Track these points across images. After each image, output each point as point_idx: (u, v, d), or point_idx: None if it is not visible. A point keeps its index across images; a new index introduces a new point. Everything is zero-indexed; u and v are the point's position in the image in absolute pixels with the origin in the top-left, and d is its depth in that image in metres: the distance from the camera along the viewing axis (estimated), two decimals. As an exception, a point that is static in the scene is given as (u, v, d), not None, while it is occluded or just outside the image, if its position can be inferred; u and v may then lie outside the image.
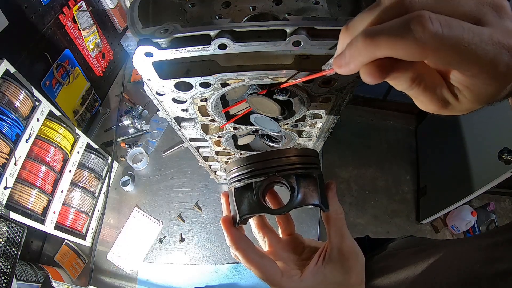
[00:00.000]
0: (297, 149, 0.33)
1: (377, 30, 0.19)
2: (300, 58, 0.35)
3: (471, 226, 1.75)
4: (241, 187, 0.32)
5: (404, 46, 0.18)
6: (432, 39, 0.17)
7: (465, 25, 0.18)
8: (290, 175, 0.31)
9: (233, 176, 0.32)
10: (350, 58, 0.20)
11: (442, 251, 0.40)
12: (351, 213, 1.87)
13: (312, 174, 0.33)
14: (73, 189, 0.86)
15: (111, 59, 1.20)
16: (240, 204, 0.32)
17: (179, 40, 0.29)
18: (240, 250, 0.32)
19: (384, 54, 0.19)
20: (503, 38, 0.18)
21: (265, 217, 0.38)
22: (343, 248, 0.32)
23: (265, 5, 0.38)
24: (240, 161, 0.32)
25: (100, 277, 0.88)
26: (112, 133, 1.11)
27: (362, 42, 0.19)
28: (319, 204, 0.32)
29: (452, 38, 0.17)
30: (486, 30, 0.18)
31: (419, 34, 0.17)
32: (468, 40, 0.17)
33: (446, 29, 0.17)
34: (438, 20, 0.17)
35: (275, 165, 0.31)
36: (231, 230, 0.33)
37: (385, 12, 0.19)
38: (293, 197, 0.31)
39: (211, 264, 0.87)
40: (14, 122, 0.68)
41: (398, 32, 0.18)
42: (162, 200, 0.98)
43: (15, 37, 0.78)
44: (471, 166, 1.43)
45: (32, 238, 0.89)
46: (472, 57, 0.17)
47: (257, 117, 0.49)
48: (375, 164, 2.01)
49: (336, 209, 0.33)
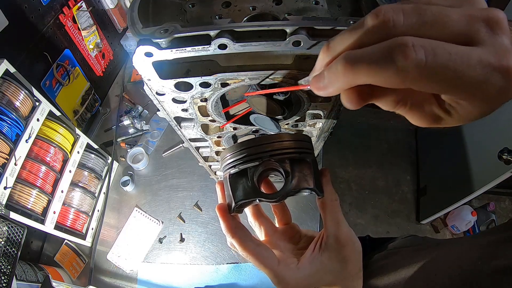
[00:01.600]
0: (290, 134, 0.33)
1: (357, 56, 0.18)
2: (300, 58, 0.35)
3: (471, 226, 1.75)
4: (235, 173, 0.32)
5: (386, 75, 0.17)
6: (415, 69, 0.16)
7: (453, 49, 0.16)
8: (284, 160, 0.31)
9: (228, 163, 0.32)
10: (329, 83, 0.20)
11: (442, 250, 0.40)
12: (351, 213, 1.87)
13: (306, 159, 0.33)
14: (73, 189, 0.86)
15: (111, 59, 1.20)
16: (235, 190, 0.32)
17: (179, 40, 0.29)
18: (236, 237, 0.32)
19: (364, 82, 0.18)
20: (495, 59, 0.16)
21: (260, 206, 0.38)
22: (340, 235, 0.32)
23: (265, 5, 0.38)
24: (234, 147, 0.32)
25: (100, 277, 0.88)
26: (112, 133, 1.11)
27: (342, 68, 0.18)
28: (313, 188, 0.32)
29: (436, 66, 0.16)
30: (476, 51, 0.17)
31: (401, 64, 0.16)
32: (454, 67, 0.16)
33: (430, 57, 0.16)
34: (422, 48, 0.16)
35: (269, 149, 0.31)
36: (226, 217, 0.32)
37: (367, 34, 0.18)
38: (288, 182, 0.31)
39: (211, 264, 0.87)
40: (14, 122, 0.68)
41: (379, 61, 0.17)
42: (162, 200, 0.98)
43: (15, 37, 0.78)
44: (471, 166, 1.43)
45: (32, 238, 0.88)
46: (459, 83, 0.17)
47: (257, 117, 0.49)
48: (375, 164, 2.01)
49: (331, 195, 0.33)
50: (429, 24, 0.17)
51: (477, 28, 0.17)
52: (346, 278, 0.32)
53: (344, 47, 0.19)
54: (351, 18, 0.28)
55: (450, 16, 0.17)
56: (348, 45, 0.19)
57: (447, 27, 0.17)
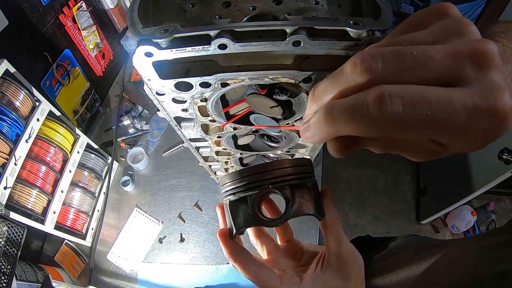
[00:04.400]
0: (290, 159, 0.33)
1: (336, 108, 0.18)
2: (300, 58, 0.35)
3: (471, 226, 1.75)
4: (235, 200, 0.32)
5: (362, 127, 0.17)
6: (391, 121, 0.15)
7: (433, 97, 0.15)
8: (284, 187, 0.31)
9: (227, 190, 0.32)
10: (313, 133, 0.20)
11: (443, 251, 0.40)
12: (351, 213, 1.87)
13: (306, 184, 0.33)
14: (73, 189, 0.86)
15: (111, 59, 1.20)
16: (235, 217, 0.32)
17: (179, 40, 0.29)
18: (238, 261, 0.32)
19: (345, 133, 0.18)
20: (481, 100, 0.15)
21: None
22: (341, 253, 0.32)
23: (265, 5, 0.38)
24: (234, 174, 0.32)
25: (100, 277, 0.88)
26: (112, 133, 1.11)
27: (323, 120, 0.18)
28: (314, 213, 0.32)
29: (414, 117, 0.15)
30: (459, 94, 0.15)
31: (376, 116, 0.16)
32: (434, 115, 0.15)
33: (407, 110, 0.15)
34: (399, 98, 0.15)
35: (268, 177, 0.31)
36: (228, 242, 0.33)
37: (346, 83, 0.18)
38: (288, 208, 0.31)
39: (211, 264, 0.87)
40: (14, 122, 0.68)
41: (355, 113, 0.17)
42: (162, 200, 0.98)
43: (15, 37, 0.78)
44: (471, 166, 1.43)
45: (32, 238, 0.89)
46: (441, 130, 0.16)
47: (257, 117, 0.49)
48: (375, 164, 2.01)
49: (332, 216, 0.33)
50: (409, 68, 0.16)
51: (462, 66, 0.16)
52: None
53: (327, 95, 0.20)
54: (351, 18, 0.28)
55: (432, 57, 0.16)
56: (330, 94, 0.19)
57: (429, 69, 0.16)
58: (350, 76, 0.18)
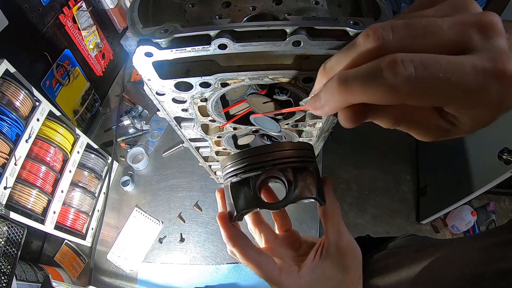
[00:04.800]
0: (292, 142, 0.33)
1: (349, 76, 0.18)
2: (300, 58, 0.35)
3: (471, 226, 1.75)
4: (237, 182, 0.32)
5: (377, 93, 0.17)
6: (405, 84, 0.16)
7: (444, 60, 0.16)
8: (286, 169, 0.31)
9: (229, 171, 0.32)
10: (325, 102, 0.20)
11: (443, 251, 0.40)
12: (351, 213, 1.87)
13: (308, 168, 0.32)
14: (73, 189, 0.86)
15: (111, 59, 1.20)
16: (236, 199, 0.32)
17: (179, 40, 0.29)
18: (237, 246, 0.32)
19: (359, 100, 0.18)
20: (490, 63, 0.16)
21: (260, 213, 0.38)
22: (341, 243, 0.32)
23: (265, 5, 0.38)
24: (236, 155, 0.32)
25: (100, 277, 0.88)
26: (112, 133, 1.11)
27: (336, 88, 0.19)
28: (316, 197, 0.31)
29: (427, 79, 0.16)
30: (468, 59, 0.16)
31: (391, 80, 0.16)
32: (446, 77, 0.16)
33: (419, 71, 0.16)
34: (411, 62, 0.16)
35: (271, 158, 0.30)
36: (228, 226, 0.32)
37: (359, 54, 0.18)
38: (290, 191, 0.31)
39: (211, 264, 0.87)
40: (14, 122, 0.68)
41: (369, 79, 0.17)
42: (162, 200, 0.98)
43: (15, 37, 0.78)
44: (471, 166, 1.43)
45: (32, 238, 0.89)
46: (455, 93, 0.16)
47: (257, 117, 0.49)
48: (375, 164, 2.01)
49: (333, 204, 0.33)
50: (419, 38, 0.17)
51: (469, 35, 0.17)
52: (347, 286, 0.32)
53: (339, 68, 0.20)
54: (351, 18, 0.28)
55: (441, 26, 0.17)
56: (342, 65, 0.20)
57: (439, 38, 0.17)
58: (363, 46, 0.18)
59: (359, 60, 0.18)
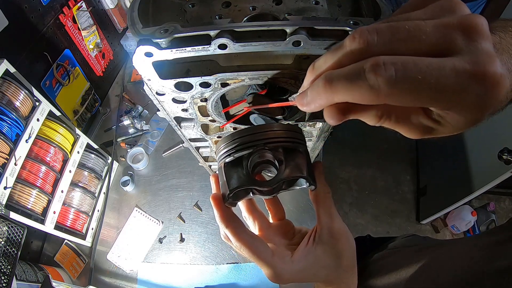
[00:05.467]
0: (282, 124, 0.33)
1: (334, 76, 0.19)
2: (300, 58, 0.35)
3: (471, 226, 1.75)
4: (230, 162, 0.32)
5: (360, 93, 0.18)
6: (386, 86, 0.17)
7: (424, 62, 0.17)
8: (277, 148, 0.32)
9: (223, 152, 0.33)
10: (311, 99, 0.21)
11: (443, 250, 0.40)
12: (351, 213, 1.87)
13: (298, 149, 0.33)
14: (73, 189, 0.86)
15: (111, 59, 1.20)
16: (230, 179, 0.32)
17: (179, 40, 0.29)
18: (231, 227, 0.32)
19: (343, 99, 0.19)
20: (471, 66, 0.16)
21: (254, 201, 0.38)
22: (333, 228, 0.32)
23: (265, 5, 0.38)
24: (229, 136, 0.32)
25: (100, 277, 0.88)
26: (112, 133, 1.11)
27: (322, 86, 0.19)
28: (306, 176, 0.32)
29: (407, 80, 0.16)
30: (449, 61, 0.17)
31: (372, 81, 0.17)
32: (426, 79, 0.16)
33: (399, 73, 0.16)
34: (392, 65, 0.17)
35: (263, 137, 0.31)
36: (221, 206, 0.32)
37: (346, 55, 0.19)
38: (281, 169, 0.32)
39: (211, 264, 0.87)
40: (14, 122, 0.68)
41: (353, 79, 0.18)
42: (162, 200, 0.98)
43: (15, 37, 0.78)
44: (471, 166, 1.43)
45: (32, 238, 0.88)
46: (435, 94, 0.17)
47: (257, 117, 0.49)
48: (375, 164, 2.01)
49: (324, 188, 0.33)
50: (403, 41, 0.18)
51: (453, 37, 0.17)
52: (341, 274, 0.32)
53: (326, 67, 0.21)
54: (351, 18, 0.28)
55: (424, 29, 0.17)
56: (330, 65, 0.20)
57: (422, 41, 0.17)
58: (349, 48, 0.19)
59: (345, 61, 0.19)
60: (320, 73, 0.21)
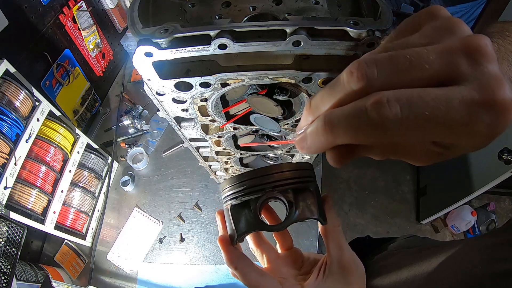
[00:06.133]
0: (291, 163, 0.33)
1: (334, 117, 0.18)
2: (300, 58, 0.35)
3: (471, 226, 1.75)
4: (237, 205, 0.32)
5: (363, 134, 0.16)
6: (391, 125, 0.15)
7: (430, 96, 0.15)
8: (287, 190, 0.31)
9: (229, 194, 0.32)
10: (311, 143, 0.19)
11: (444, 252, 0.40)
12: (351, 213, 1.87)
13: (309, 188, 0.32)
14: (73, 189, 0.86)
15: (111, 59, 1.20)
16: (237, 222, 0.31)
17: (179, 40, 0.29)
18: (239, 269, 0.32)
19: (345, 141, 0.18)
20: (479, 94, 0.15)
21: (262, 233, 0.38)
22: (343, 260, 0.32)
23: (265, 5, 0.38)
24: (236, 178, 0.31)
25: (100, 277, 0.88)
26: (112, 133, 1.11)
27: (322, 130, 0.18)
28: (317, 217, 0.32)
29: (414, 118, 0.15)
30: (456, 91, 0.15)
31: (376, 121, 0.16)
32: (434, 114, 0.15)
33: (405, 111, 0.15)
34: (396, 102, 0.15)
35: (271, 180, 0.30)
36: (229, 249, 0.32)
37: (344, 92, 0.18)
38: (292, 212, 0.31)
39: (211, 264, 0.87)
40: (14, 122, 0.68)
41: (355, 121, 0.16)
42: (162, 200, 0.98)
43: (15, 37, 0.78)
44: (471, 166, 1.43)
45: (32, 238, 0.89)
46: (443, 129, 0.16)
47: (257, 117, 0.49)
48: (375, 164, 2.01)
49: (334, 222, 0.33)
50: (404, 72, 0.16)
51: (457, 64, 0.16)
52: None
53: (323, 106, 0.19)
54: (351, 18, 0.28)
55: (427, 57, 0.16)
56: (327, 104, 0.19)
57: (424, 71, 0.16)
58: (347, 84, 0.17)
59: (344, 98, 0.18)
60: (319, 113, 0.19)
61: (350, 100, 0.17)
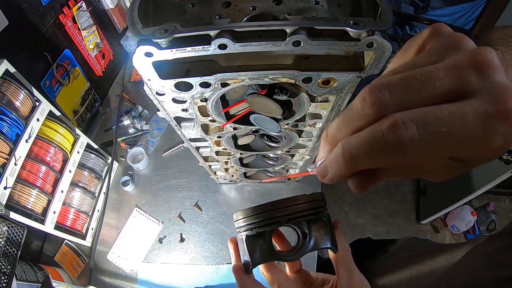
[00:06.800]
0: (305, 195, 0.34)
1: (352, 145, 0.18)
2: (300, 58, 0.35)
3: (471, 226, 1.75)
4: (252, 235, 0.33)
5: (382, 158, 0.17)
6: (409, 146, 0.16)
7: (444, 113, 0.16)
8: (301, 222, 0.33)
9: (244, 225, 0.33)
10: (332, 174, 0.20)
11: (445, 255, 0.40)
12: (351, 213, 1.87)
13: (322, 218, 0.34)
14: (73, 189, 0.86)
15: (111, 59, 1.20)
16: (252, 252, 0.33)
17: (179, 40, 0.29)
18: None
19: (365, 167, 0.18)
20: (492, 106, 0.16)
21: None
22: (352, 285, 0.33)
23: (265, 5, 0.38)
24: (251, 210, 0.33)
25: (100, 277, 0.88)
26: (112, 133, 1.11)
27: (341, 157, 0.18)
28: (331, 247, 0.33)
29: (431, 137, 0.16)
30: (469, 106, 0.16)
31: (394, 144, 0.16)
32: (449, 130, 0.15)
33: (422, 131, 0.16)
34: (412, 122, 0.16)
35: (286, 213, 0.32)
36: (244, 278, 0.33)
37: (359, 118, 0.18)
38: (306, 243, 0.33)
39: (211, 264, 0.87)
40: (14, 122, 0.68)
41: (373, 146, 0.17)
42: (162, 200, 0.98)
43: (15, 37, 0.78)
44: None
45: (32, 238, 0.88)
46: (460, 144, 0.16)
47: (257, 117, 0.49)
48: (375, 164, 2.01)
49: (344, 247, 0.34)
50: (416, 92, 0.17)
51: (466, 78, 0.16)
52: None
53: (340, 135, 0.20)
54: (351, 18, 0.28)
55: (437, 75, 0.17)
56: (344, 132, 0.19)
57: (436, 89, 0.17)
58: (361, 110, 0.18)
59: (360, 125, 0.18)
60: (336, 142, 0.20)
61: (366, 125, 0.18)
